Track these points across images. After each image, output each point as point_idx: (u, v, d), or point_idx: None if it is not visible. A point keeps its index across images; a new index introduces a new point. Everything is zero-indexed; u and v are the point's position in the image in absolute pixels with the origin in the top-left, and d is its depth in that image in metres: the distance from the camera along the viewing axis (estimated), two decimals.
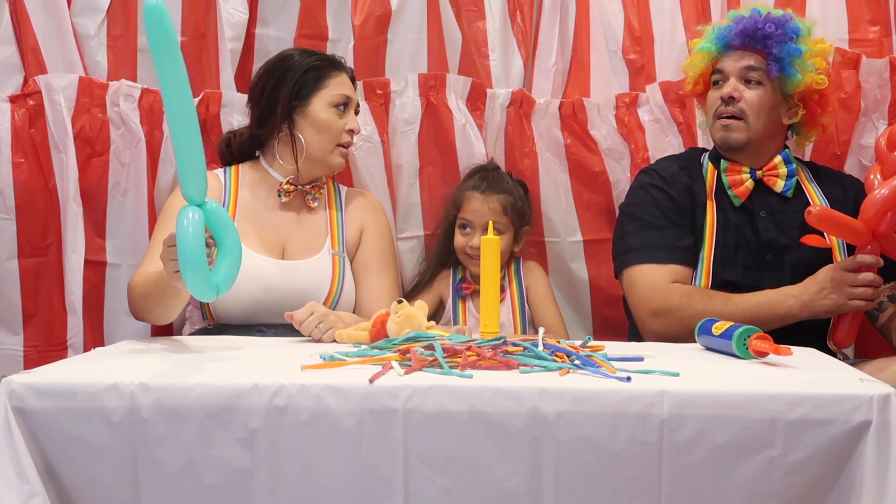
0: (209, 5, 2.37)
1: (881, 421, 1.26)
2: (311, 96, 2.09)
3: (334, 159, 2.12)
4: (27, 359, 2.30)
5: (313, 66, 2.10)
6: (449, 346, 1.47)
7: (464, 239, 2.25)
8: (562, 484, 1.27)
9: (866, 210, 1.96)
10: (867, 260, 1.95)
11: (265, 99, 2.11)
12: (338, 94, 2.10)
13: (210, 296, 1.50)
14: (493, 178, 2.27)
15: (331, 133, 2.10)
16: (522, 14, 2.46)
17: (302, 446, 1.28)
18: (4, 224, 2.27)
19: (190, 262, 1.44)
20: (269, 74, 2.13)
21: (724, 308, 1.97)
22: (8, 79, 2.28)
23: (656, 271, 2.08)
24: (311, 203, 2.14)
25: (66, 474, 1.30)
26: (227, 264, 1.54)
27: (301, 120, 2.10)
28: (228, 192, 2.11)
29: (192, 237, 1.45)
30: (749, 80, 2.12)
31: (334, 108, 2.10)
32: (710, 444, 1.26)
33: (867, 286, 1.95)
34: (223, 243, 1.55)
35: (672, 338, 2.01)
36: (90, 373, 1.36)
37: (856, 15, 2.41)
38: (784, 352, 1.51)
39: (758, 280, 2.06)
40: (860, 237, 1.98)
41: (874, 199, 1.96)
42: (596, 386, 1.29)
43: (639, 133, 2.41)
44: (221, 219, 1.56)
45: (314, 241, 2.11)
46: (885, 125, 2.35)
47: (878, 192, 1.96)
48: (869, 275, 1.95)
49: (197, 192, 1.51)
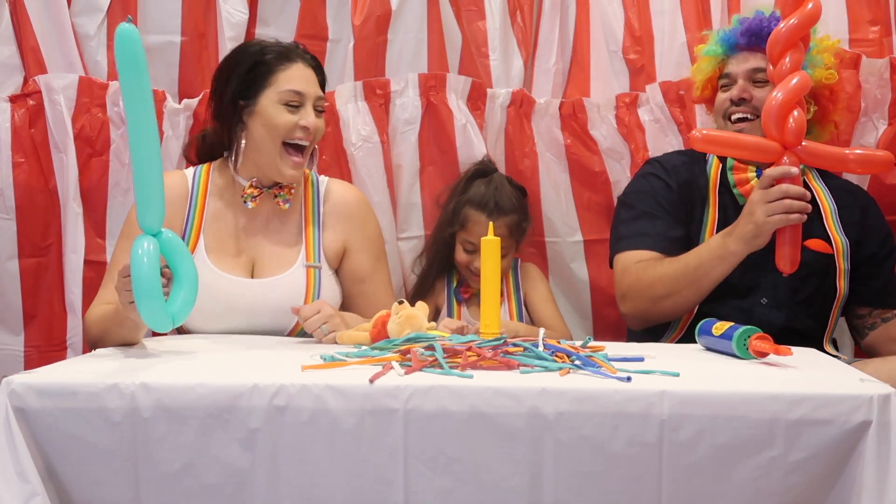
0: (209, 5, 2.37)
1: (881, 421, 1.26)
2: (258, 94, 1.90)
3: (284, 167, 1.91)
4: (27, 359, 2.30)
5: (258, 60, 1.91)
6: (449, 347, 1.47)
7: (467, 258, 2.23)
8: (562, 484, 1.27)
9: (767, 121, 1.87)
10: (773, 172, 1.85)
11: (216, 97, 1.96)
12: (286, 89, 1.89)
13: (166, 326, 1.49)
14: (496, 191, 2.22)
15: (278, 130, 1.89)
16: (522, 14, 2.46)
17: (302, 446, 1.28)
18: (4, 224, 2.27)
19: (145, 293, 1.44)
20: (219, 73, 1.98)
21: (673, 266, 1.97)
22: (8, 79, 2.29)
23: (637, 256, 2.08)
24: (282, 205, 1.95)
25: (66, 474, 1.30)
26: (183, 294, 1.53)
27: (250, 120, 1.92)
28: (195, 198, 1.96)
29: (146, 268, 1.44)
30: (757, 81, 2.10)
31: (284, 105, 1.89)
32: (711, 444, 1.26)
33: (783, 198, 1.83)
34: (178, 273, 1.54)
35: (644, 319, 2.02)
36: (90, 373, 1.36)
37: (856, 15, 2.41)
38: (784, 352, 1.51)
39: (755, 279, 2.04)
40: (769, 153, 1.88)
41: (770, 107, 1.86)
42: (596, 386, 1.29)
43: (639, 133, 2.41)
44: (177, 248, 1.54)
45: (286, 255, 1.95)
46: (886, 125, 2.35)
47: (774, 96, 1.86)
48: (782, 186, 1.84)
49: (154, 221, 1.50)
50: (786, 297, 2.05)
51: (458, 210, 2.24)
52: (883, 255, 2.14)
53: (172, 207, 1.86)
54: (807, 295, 2.06)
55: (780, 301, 2.04)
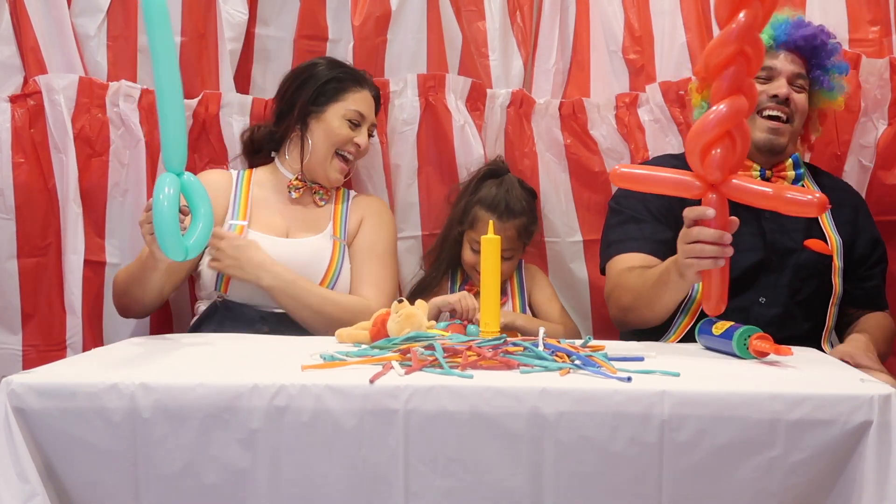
0: (209, 5, 2.37)
1: (881, 421, 1.26)
2: (328, 105, 2.17)
3: (332, 171, 2.18)
4: (26, 358, 2.30)
5: (336, 76, 2.19)
6: (449, 346, 1.47)
7: (474, 258, 2.22)
8: (562, 484, 1.26)
9: (689, 154, 1.65)
10: (690, 213, 1.67)
11: (286, 100, 2.21)
12: (353, 109, 2.17)
13: (180, 255, 1.62)
14: (508, 193, 2.23)
15: (336, 139, 2.17)
16: (522, 14, 2.46)
17: (302, 447, 1.28)
18: (4, 224, 2.27)
19: (163, 223, 1.57)
20: (294, 77, 2.23)
21: (641, 279, 1.94)
22: (8, 79, 2.28)
23: (625, 261, 2.05)
24: (319, 202, 2.22)
25: (66, 474, 1.30)
26: (198, 229, 1.66)
27: (314, 124, 2.18)
28: (240, 189, 2.19)
29: (166, 202, 1.58)
30: (794, 86, 2.08)
31: (347, 121, 2.17)
32: (711, 444, 1.26)
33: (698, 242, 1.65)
34: (196, 210, 1.68)
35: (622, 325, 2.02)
36: (90, 373, 1.36)
37: (856, 15, 2.41)
38: (784, 352, 1.51)
39: (756, 279, 2.03)
40: (691, 190, 1.67)
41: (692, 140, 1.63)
42: (596, 386, 1.29)
43: (639, 133, 2.41)
44: (196, 189, 1.67)
45: (316, 224, 2.19)
46: (885, 125, 2.35)
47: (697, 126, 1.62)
48: (695, 230, 1.65)
49: (177, 161, 1.63)
50: (785, 298, 2.04)
51: (468, 210, 2.25)
52: (875, 258, 2.14)
53: (218, 194, 2.11)
54: (805, 296, 2.06)
55: (779, 300, 2.04)
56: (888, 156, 2.36)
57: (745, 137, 1.63)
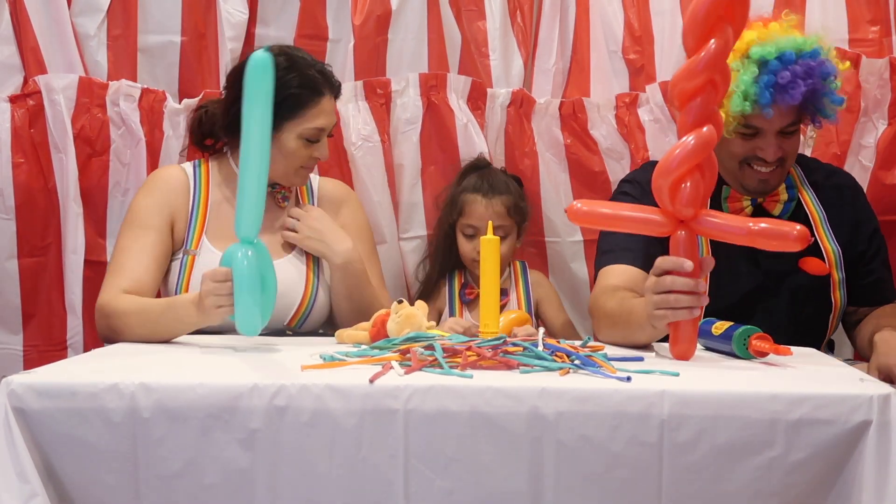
0: (209, 5, 2.37)
1: (881, 421, 1.25)
2: (283, 123, 1.94)
3: (294, 179, 2.05)
4: (26, 359, 2.30)
5: (291, 93, 1.94)
6: (449, 346, 1.47)
7: (471, 245, 2.22)
8: (562, 484, 1.26)
9: (657, 191, 1.56)
10: (664, 264, 1.56)
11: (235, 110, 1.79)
12: (312, 127, 1.98)
13: (256, 329, 1.57)
14: (489, 177, 2.26)
15: (295, 160, 2.00)
16: (522, 14, 2.46)
17: (302, 446, 1.28)
18: (4, 224, 2.27)
19: (249, 299, 1.55)
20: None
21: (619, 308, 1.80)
22: (8, 79, 2.28)
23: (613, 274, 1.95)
24: (282, 203, 2.07)
25: (66, 474, 1.30)
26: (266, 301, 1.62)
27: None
28: (199, 188, 2.03)
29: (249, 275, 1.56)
30: (785, 133, 1.94)
31: (304, 139, 1.98)
32: (711, 444, 1.26)
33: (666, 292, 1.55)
34: (266, 281, 1.62)
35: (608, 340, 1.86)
36: (90, 373, 1.36)
37: (856, 15, 2.41)
38: (784, 352, 1.51)
39: (753, 305, 1.98)
40: (660, 227, 1.59)
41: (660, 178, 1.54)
42: (596, 386, 1.29)
43: (639, 133, 2.41)
44: (265, 257, 1.62)
45: (286, 243, 2.04)
46: (885, 125, 2.35)
47: (665, 161, 1.53)
48: (668, 279, 1.55)
49: (253, 230, 1.59)
50: (784, 322, 1.98)
51: (455, 199, 2.26)
52: (872, 251, 2.07)
53: (176, 196, 2.00)
54: (805, 316, 2.02)
55: (778, 326, 1.91)
56: (888, 156, 2.36)
57: (713, 168, 1.56)
